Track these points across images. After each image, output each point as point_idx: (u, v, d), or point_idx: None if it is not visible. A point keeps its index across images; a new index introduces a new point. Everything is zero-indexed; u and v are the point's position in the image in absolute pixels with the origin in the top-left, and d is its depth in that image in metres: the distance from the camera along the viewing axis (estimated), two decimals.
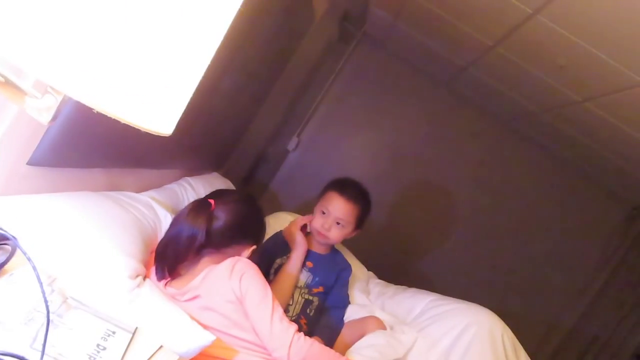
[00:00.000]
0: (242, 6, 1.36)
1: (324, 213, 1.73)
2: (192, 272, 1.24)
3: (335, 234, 1.72)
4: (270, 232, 1.86)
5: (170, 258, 1.19)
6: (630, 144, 2.22)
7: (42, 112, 0.66)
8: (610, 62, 1.69)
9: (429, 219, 3.29)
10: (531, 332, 2.87)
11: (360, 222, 1.76)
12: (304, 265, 1.74)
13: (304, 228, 1.78)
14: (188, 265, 1.25)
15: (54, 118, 0.64)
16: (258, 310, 1.17)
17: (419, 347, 1.57)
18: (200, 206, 1.25)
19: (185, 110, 0.69)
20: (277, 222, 2.04)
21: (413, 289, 1.94)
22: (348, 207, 1.71)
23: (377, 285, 2.05)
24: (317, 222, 1.73)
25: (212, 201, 1.26)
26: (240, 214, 1.29)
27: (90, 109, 0.55)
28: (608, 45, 1.61)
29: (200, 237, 1.19)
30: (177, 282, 1.23)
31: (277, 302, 1.20)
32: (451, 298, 1.77)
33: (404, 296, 1.88)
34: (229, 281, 1.17)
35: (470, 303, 1.72)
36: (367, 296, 1.91)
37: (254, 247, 1.31)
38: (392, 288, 2.01)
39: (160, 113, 0.61)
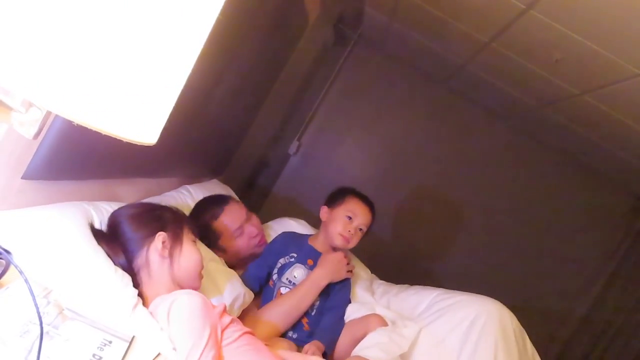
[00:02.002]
0: (232, 13, 1.36)
1: (350, 218, 1.77)
2: (145, 299, 1.14)
3: (356, 240, 1.79)
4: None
5: None
6: (630, 135, 2.20)
7: (27, 126, 0.67)
8: (605, 54, 1.68)
9: (433, 219, 3.28)
10: (544, 321, 2.86)
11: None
12: (306, 264, 1.75)
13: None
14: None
15: (38, 132, 0.65)
16: None
17: (426, 341, 1.55)
18: None
19: (180, 118, 0.69)
20: (281, 227, 2.06)
21: (417, 286, 1.93)
22: (370, 215, 1.81)
23: (380, 285, 2.05)
24: (343, 227, 1.76)
25: None
26: (110, 224, 1.20)
27: None
28: (602, 37, 1.61)
29: None
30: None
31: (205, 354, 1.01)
32: (456, 291, 1.75)
33: (409, 293, 1.87)
34: (167, 329, 1.04)
35: (475, 294, 1.70)
36: (372, 295, 1.91)
37: (162, 233, 1.18)
38: (396, 287, 2.00)
39: (141, 122, 0.62)
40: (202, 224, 1.66)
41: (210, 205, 1.74)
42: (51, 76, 0.52)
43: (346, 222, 1.76)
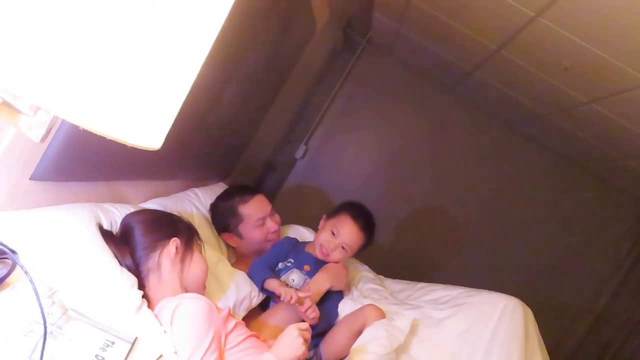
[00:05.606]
0: (240, 18, 1.37)
1: (333, 234, 1.77)
2: (151, 301, 1.15)
3: (337, 256, 1.78)
4: None
5: None
6: (638, 144, 2.19)
7: (35, 129, 0.68)
8: (615, 63, 1.67)
9: (439, 225, 3.27)
10: (557, 321, 2.83)
11: (361, 250, 1.83)
12: (302, 269, 1.77)
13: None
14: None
15: (46, 135, 0.66)
16: None
17: (450, 332, 1.55)
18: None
19: (188, 121, 0.70)
20: (294, 234, 2.06)
21: (440, 284, 1.90)
22: (358, 236, 1.78)
23: (397, 282, 2.03)
24: (324, 238, 1.77)
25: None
26: (122, 227, 1.21)
27: None
28: (612, 45, 1.60)
29: None
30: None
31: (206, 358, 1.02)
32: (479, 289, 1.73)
33: (433, 288, 1.85)
34: (170, 332, 1.05)
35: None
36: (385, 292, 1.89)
37: (176, 239, 1.21)
38: (416, 284, 1.96)
39: (146, 128, 0.62)
40: (229, 205, 1.77)
41: (242, 190, 1.85)
42: (58, 81, 0.53)
43: (330, 236, 1.77)
